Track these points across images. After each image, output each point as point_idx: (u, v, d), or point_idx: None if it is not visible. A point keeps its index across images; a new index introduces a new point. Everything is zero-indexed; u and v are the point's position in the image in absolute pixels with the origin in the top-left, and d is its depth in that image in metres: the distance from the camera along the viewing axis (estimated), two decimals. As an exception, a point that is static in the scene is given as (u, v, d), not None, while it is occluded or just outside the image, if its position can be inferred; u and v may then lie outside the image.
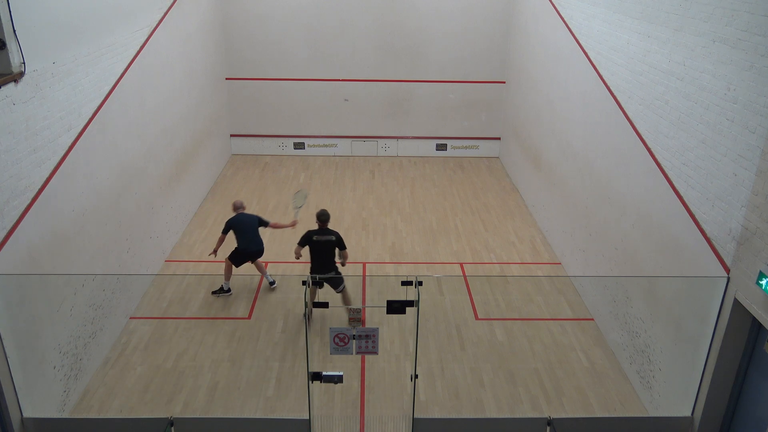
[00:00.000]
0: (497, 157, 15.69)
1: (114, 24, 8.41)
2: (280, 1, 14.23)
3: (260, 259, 9.54)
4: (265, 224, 9.27)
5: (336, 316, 8.88)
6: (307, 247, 8.39)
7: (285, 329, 8.62)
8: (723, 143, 5.92)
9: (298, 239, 8.44)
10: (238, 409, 7.21)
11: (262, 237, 9.43)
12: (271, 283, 9.56)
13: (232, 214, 9.33)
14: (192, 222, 11.82)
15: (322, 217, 8.40)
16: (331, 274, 8.48)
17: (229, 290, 9.37)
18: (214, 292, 9.35)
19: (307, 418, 6.34)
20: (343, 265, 8.62)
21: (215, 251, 9.24)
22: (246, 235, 9.18)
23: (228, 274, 9.31)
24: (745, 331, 5.90)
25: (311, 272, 8.46)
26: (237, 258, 9.26)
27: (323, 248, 8.33)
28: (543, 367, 7.97)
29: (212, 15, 13.49)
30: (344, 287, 8.66)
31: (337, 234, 8.41)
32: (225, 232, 9.15)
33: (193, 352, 8.13)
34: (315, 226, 8.45)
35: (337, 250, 8.44)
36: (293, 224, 9.29)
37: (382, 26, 14.53)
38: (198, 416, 7.01)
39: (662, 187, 7.05)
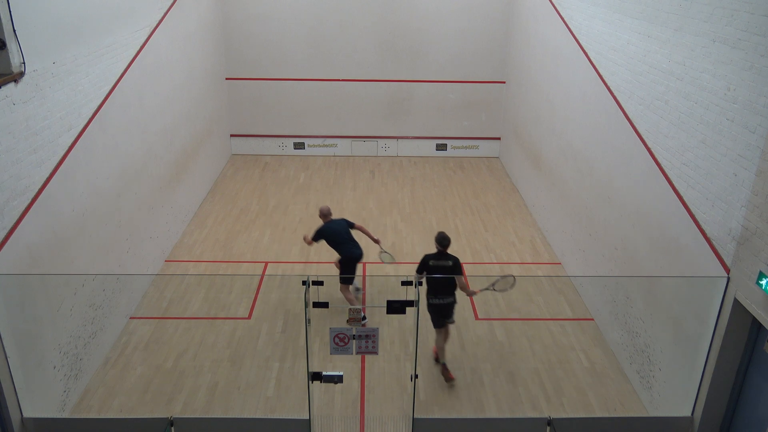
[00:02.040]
0: (497, 157, 15.69)
1: (114, 24, 8.41)
2: (280, 1, 14.23)
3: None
4: (352, 225, 8.98)
5: (336, 316, 8.87)
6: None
7: (285, 329, 8.62)
8: (723, 143, 5.92)
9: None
10: (238, 409, 7.21)
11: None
12: (357, 289, 9.32)
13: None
14: (192, 222, 11.83)
15: (443, 242, 7.47)
16: (450, 300, 7.63)
17: (357, 289, 9.22)
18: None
19: (307, 418, 6.35)
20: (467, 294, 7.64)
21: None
22: (344, 244, 8.76)
23: (348, 296, 8.83)
24: (745, 331, 5.90)
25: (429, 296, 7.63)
26: (346, 268, 8.79)
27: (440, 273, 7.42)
28: (543, 367, 7.97)
29: (212, 15, 13.49)
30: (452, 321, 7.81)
31: (456, 259, 7.51)
32: (316, 239, 8.87)
33: (193, 352, 8.13)
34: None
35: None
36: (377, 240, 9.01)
37: (382, 26, 14.53)
38: (198, 416, 7.01)
39: (662, 187, 7.05)
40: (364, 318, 8.70)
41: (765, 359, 5.77)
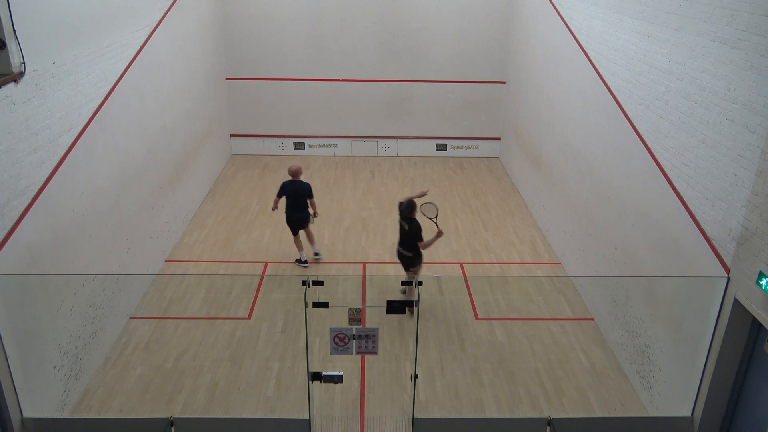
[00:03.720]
0: (497, 157, 15.69)
1: (114, 24, 8.41)
2: (280, 1, 14.23)
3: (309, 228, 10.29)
4: (310, 196, 10.09)
5: (336, 316, 8.87)
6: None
7: (285, 329, 8.62)
8: (723, 143, 5.92)
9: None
10: (238, 409, 7.21)
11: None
12: (315, 254, 10.46)
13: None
14: (192, 222, 11.83)
15: (404, 212, 8.93)
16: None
17: (305, 261, 10.26)
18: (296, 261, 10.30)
19: (307, 418, 6.35)
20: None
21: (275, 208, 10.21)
22: (290, 206, 9.99)
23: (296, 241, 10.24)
24: (745, 331, 5.90)
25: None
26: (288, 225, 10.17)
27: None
28: (543, 367, 7.97)
29: (212, 15, 13.49)
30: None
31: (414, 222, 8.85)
32: (279, 195, 10.08)
33: (193, 352, 8.13)
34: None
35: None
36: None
37: (382, 26, 14.53)
38: (198, 416, 7.01)
39: (662, 187, 7.05)
40: (305, 263, 10.30)
41: (765, 359, 5.77)
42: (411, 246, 8.76)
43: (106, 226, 8.11)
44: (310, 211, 10.19)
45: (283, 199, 10.14)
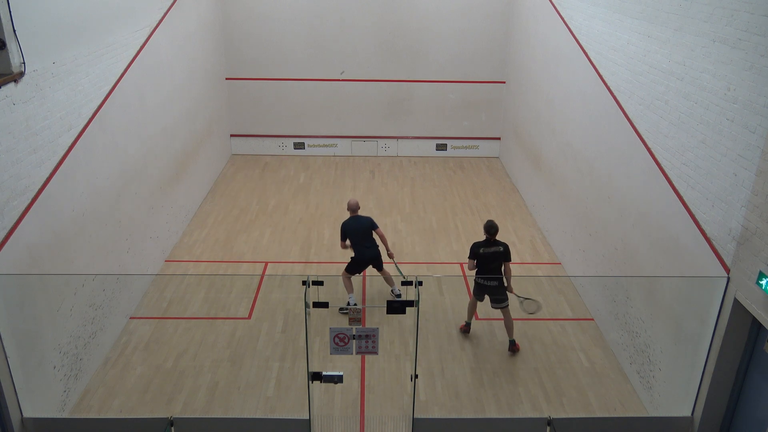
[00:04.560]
0: (497, 157, 15.69)
1: (114, 24, 8.41)
2: (280, 1, 14.23)
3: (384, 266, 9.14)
4: (375, 227, 8.91)
5: (336, 316, 8.87)
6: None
7: (285, 329, 8.62)
8: (723, 143, 5.92)
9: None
10: (238, 409, 7.21)
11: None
12: (397, 295, 9.19)
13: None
14: (192, 222, 11.83)
15: (491, 230, 7.99)
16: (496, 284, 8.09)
17: (355, 304, 8.90)
18: (341, 310, 8.90)
19: (307, 418, 6.35)
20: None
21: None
22: (357, 244, 8.81)
23: (346, 282, 8.95)
24: (745, 331, 5.90)
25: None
26: (354, 266, 8.92)
27: (491, 259, 7.98)
28: (543, 367, 7.97)
29: (212, 15, 13.49)
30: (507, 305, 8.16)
31: (505, 245, 8.08)
32: (342, 238, 8.89)
33: (193, 352, 8.13)
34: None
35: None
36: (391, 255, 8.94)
37: (382, 26, 14.53)
38: (198, 416, 7.01)
39: (662, 187, 7.05)
40: (399, 295, 9.18)
41: (765, 359, 5.77)
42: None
43: (106, 226, 8.11)
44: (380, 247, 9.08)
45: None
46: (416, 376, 6.33)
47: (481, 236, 11.40)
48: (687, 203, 6.56)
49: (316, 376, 6.23)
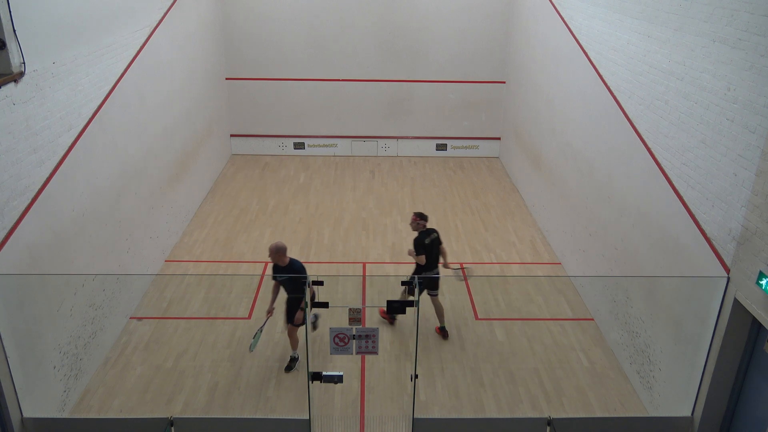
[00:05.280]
0: (497, 157, 15.69)
1: (114, 24, 8.41)
2: (280, 1, 14.23)
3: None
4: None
5: (336, 316, 8.87)
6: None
7: (285, 329, 8.61)
8: (723, 143, 5.92)
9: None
10: (238, 409, 7.21)
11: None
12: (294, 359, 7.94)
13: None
14: (192, 222, 11.82)
15: (426, 218, 8.28)
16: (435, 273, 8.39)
17: (297, 358, 7.92)
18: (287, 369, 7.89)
19: (307, 418, 6.34)
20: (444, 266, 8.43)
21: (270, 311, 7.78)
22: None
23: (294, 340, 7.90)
24: (745, 331, 5.90)
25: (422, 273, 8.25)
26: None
27: (433, 247, 8.25)
28: (543, 367, 7.97)
29: (212, 15, 13.49)
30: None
31: (436, 230, 8.42)
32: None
33: (193, 352, 8.12)
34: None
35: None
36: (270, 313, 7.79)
37: (382, 26, 14.53)
38: (198, 416, 7.01)
39: (662, 187, 7.05)
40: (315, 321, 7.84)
41: (765, 359, 5.77)
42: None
43: (106, 226, 8.11)
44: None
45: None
46: (416, 376, 6.32)
47: (480, 236, 11.46)
48: (687, 203, 6.56)
49: (316, 376, 6.23)
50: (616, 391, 7.58)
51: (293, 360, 7.87)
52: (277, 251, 7.36)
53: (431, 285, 8.37)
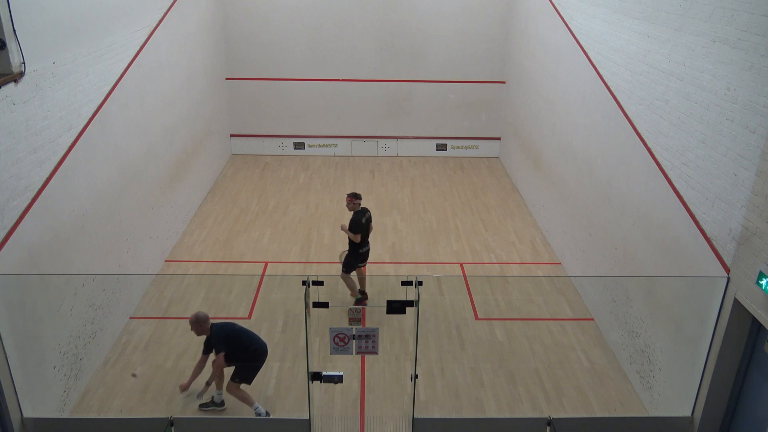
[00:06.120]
0: (497, 157, 15.69)
1: (114, 24, 8.41)
2: (280, 1, 14.23)
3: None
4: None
5: (336, 316, 8.87)
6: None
7: (285, 329, 8.62)
8: (723, 143, 5.92)
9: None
10: (238, 409, 7.20)
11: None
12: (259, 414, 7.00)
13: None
14: (192, 222, 11.82)
15: (360, 198, 9.00)
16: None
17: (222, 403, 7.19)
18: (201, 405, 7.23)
19: (307, 418, 6.34)
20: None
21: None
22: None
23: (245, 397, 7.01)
24: (745, 331, 5.90)
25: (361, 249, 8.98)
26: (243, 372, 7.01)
27: (368, 225, 9.07)
28: (543, 367, 7.97)
29: (212, 15, 13.49)
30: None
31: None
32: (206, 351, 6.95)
33: (193, 352, 8.12)
34: None
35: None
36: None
37: (382, 26, 14.53)
38: (198, 416, 7.01)
39: (662, 187, 7.05)
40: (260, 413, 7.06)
41: (765, 359, 5.77)
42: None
43: (106, 226, 8.11)
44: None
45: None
46: (416, 376, 6.33)
47: (480, 236, 11.46)
48: (687, 203, 6.56)
49: (316, 376, 6.23)
50: (616, 391, 7.58)
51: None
52: (197, 321, 6.67)
53: (364, 260, 9.14)
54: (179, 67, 11.19)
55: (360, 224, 8.83)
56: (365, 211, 9.02)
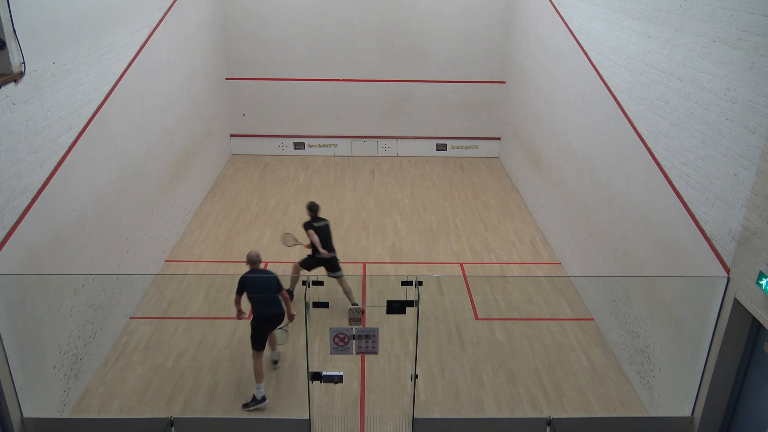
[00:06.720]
0: (497, 157, 15.69)
1: (114, 24, 8.41)
2: (280, 1, 14.23)
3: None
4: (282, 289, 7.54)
5: (336, 316, 8.87)
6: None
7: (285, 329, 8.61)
8: (723, 143, 5.92)
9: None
10: (238, 409, 7.21)
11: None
12: (275, 362, 7.84)
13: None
14: (192, 222, 11.82)
15: (317, 208, 8.96)
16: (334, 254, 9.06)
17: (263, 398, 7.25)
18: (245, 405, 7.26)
19: (307, 418, 6.35)
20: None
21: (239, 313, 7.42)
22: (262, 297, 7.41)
23: (259, 371, 7.27)
24: (745, 331, 5.90)
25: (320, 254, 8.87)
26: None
27: (325, 231, 8.97)
28: (543, 367, 7.97)
29: (212, 15, 13.49)
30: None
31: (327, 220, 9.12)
32: (239, 292, 7.40)
33: (193, 352, 8.12)
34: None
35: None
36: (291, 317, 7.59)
37: (382, 26, 14.53)
38: (198, 416, 7.01)
39: (662, 187, 7.05)
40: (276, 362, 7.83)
41: (765, 359, 5.77)
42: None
43: (106, 226, 8.11)
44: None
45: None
46: (416, 376, 6.33)
47: (480, 236, 11.46)
48: (687, 203, 6.56)
49: (316, 376, 6.23)
50: (616, 391, 7.58)
51: (255, 401, 7.21)
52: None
53: (332, 268, 8.98)
54: (179, 67, 11.19)
55: (315, 229, 8.87)
56: (318, 219, 8.99)
